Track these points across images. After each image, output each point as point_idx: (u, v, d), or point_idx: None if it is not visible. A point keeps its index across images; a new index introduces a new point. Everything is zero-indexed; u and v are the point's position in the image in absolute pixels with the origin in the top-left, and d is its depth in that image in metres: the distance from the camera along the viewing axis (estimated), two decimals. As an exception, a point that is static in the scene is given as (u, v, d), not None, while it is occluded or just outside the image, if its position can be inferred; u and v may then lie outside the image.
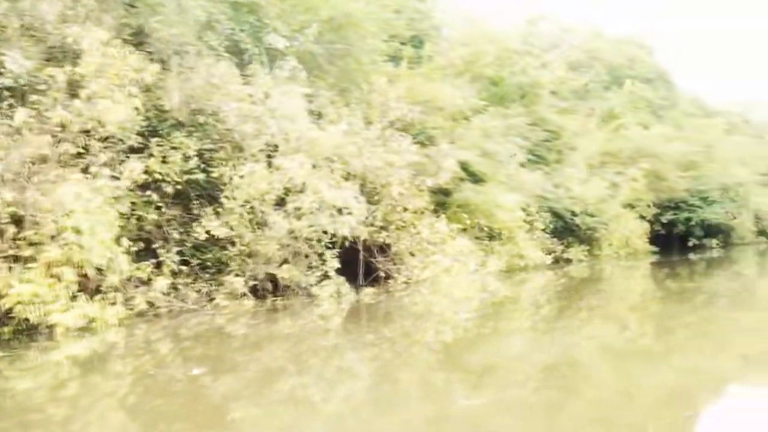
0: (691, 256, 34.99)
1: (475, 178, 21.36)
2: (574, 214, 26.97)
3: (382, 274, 16.53)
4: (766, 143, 62.81)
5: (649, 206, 35.09)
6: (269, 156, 14.28)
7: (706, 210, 39.02)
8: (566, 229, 26.99)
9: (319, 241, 14.19)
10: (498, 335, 11.19)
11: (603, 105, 40.74)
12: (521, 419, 5.87)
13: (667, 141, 35.48)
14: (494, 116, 26.22)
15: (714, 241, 40.16)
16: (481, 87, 29.55)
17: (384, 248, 16.80)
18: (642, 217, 34.51)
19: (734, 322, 11.49)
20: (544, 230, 25.50)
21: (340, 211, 14.43)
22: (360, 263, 16.46)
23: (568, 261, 26.83)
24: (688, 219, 38.24)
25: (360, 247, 16.29)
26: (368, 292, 15.44)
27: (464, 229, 20.02)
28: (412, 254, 16.94)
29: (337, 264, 14.33)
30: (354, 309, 13.48)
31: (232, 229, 13.05)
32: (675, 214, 37.83)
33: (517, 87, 30.07)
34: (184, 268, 12.69)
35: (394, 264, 16.57)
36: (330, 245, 14.42)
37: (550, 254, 26.41)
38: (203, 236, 12.89)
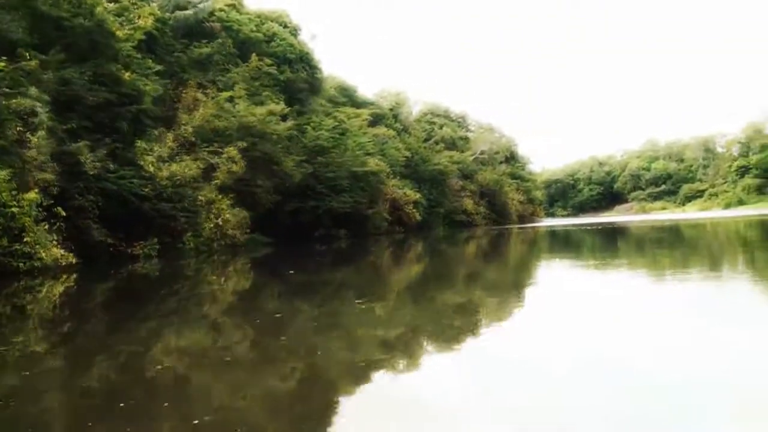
0: (319, 246, 33.69)
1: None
2: (144, 198, 22.57)
3: None
4: (411, 136, 67.58)
5: (270, 193, 32.89)
6: None
7: (335, 199, 38.44)
8: (133, 218, 22.39)
9: None
10: None
11: (225, 78, 37.67)
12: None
13: (280, 122, 33.37)
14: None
15: (342, 231, 39.76)
16: (39, 27, 23.58)
17: None
18: (262, 205, 32.12)
19: (364, 312, 9.87)
20: (92, 219, 20.58)
21: None
22: None
23: (135, 258, 22.34)
24: (316, 207, 37.11)
25: None
26: None
27: None
28: None
29: None
30: None
31: None
32: (301, 203, 36.28)
33: (86, 33, 24.67)
34: None
35: None
36: None
37: (111, 248, 21.68)
38: None
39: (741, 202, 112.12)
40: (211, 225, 25.75)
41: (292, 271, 18.82)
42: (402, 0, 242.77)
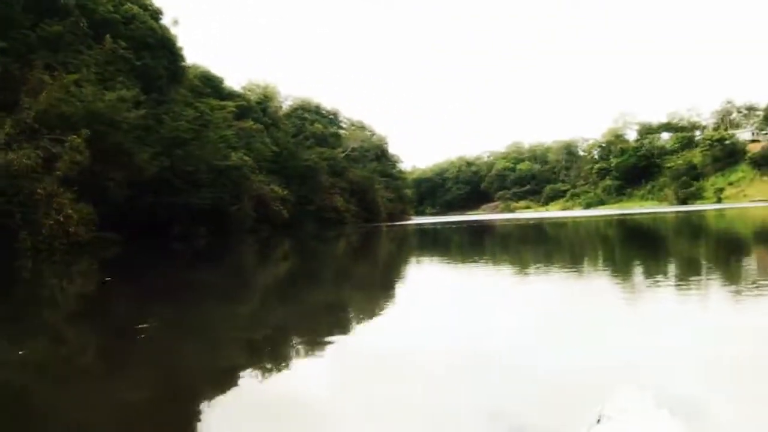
0: (177, 245, 32.45)
1: None
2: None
3: None
4: (280, 131, 66.81)
5: (122, 188, 31.20)
6: None
7: (194, 194, 37.10)
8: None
9: None
10: None
11: (77, 61, 35.33)
12: None
13: (132, 109, 31.65)
14: None
15: (203, 228, 38.49)
16: None
17: None
18: (113, 200, 30.39)
19: (228, 315, 9.63)
20: None
21: None
22: None
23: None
24: (173, 203, 35.65)
25: None
26: None
27: None
28: None
29: None
30: None
31: None
32: (156, 198, 34.71)
33: None
34: None
35: None
36: None
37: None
38: None
39: (602, 202, 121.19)
40: (52, 221, 23.99)
41: (109, 278, 16.93)
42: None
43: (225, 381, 5.75)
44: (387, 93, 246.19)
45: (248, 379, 5.77)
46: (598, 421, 2.37)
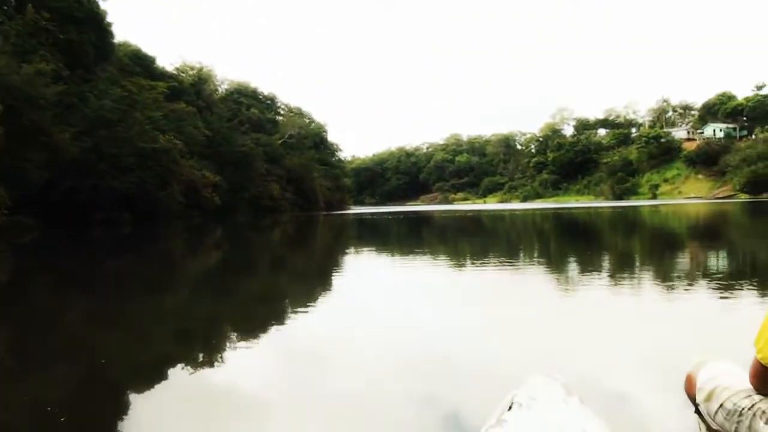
0: (98, 232, 31.22)
1: None
2: None
3: None
4: (213, 115, 65.29)
5: (42, 169, 29.77)
6: None
7: (118, 178, 35.73)
8: None
9: None
10: None
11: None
12: None
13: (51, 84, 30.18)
14: None
15: (127, 214, 37.18)
16: None
17: None
18: (30, 182, 28.95)
19: (153, 306, 8.93)
20: None
21: None
22: None
23: None
24: (95, 187, 34.24)
25: None
26: None
27: None
28: None
29: None
30: None
31: None
32: (78, 181, 33.24)
33: None
34: None
35: None
36: None
37: None
38: None
39: (538, 196, 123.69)
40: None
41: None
42: None
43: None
44: (327, 81, 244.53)
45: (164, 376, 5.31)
46: (510, 408, 2.21)
